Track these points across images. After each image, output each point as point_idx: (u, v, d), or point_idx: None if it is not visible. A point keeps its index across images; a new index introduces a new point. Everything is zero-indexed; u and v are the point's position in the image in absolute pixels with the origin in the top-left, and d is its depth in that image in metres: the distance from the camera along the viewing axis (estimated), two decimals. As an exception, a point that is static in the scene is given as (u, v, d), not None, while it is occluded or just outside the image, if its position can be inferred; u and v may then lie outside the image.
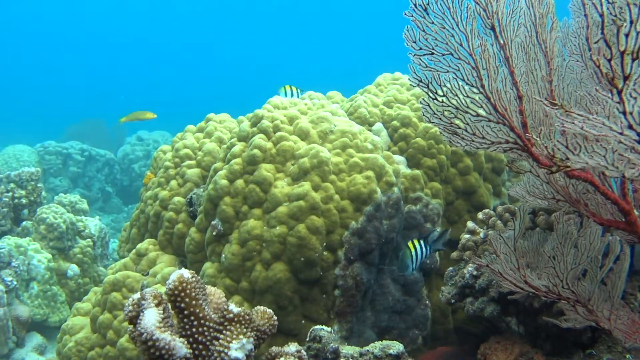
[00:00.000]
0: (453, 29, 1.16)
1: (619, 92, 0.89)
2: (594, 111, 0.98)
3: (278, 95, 1.89)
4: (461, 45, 1.17)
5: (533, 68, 1.19)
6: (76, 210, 4.21)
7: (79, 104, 18.06)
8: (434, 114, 1.25)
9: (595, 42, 0.91)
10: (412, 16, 1.18)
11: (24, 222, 3.75)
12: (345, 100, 2.74)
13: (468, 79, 1.19)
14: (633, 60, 0.87)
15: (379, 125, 2.40)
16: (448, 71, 1.20)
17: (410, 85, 1.27)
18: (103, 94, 21.42)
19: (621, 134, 0.88)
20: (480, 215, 1.83)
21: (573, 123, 0.88)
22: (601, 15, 0.90)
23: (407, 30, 1.19)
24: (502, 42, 1.18)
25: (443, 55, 1.19)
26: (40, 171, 4.10)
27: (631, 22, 0.85)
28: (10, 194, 3.84)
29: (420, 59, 1.20)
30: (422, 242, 1.87)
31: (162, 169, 2.62)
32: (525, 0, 1.20)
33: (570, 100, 1.19)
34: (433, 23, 1.17)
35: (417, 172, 2.25)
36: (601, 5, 0.91)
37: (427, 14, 1.17)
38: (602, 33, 0.89)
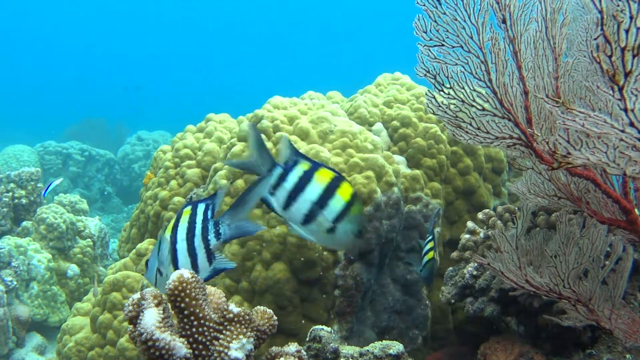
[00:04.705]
0: (465, 21, 1.15)
1: (620, 89, 0.88)
2: (597, 108, 0.98)
3: None
4: (472, 38, 1.16)
5: (540, 64, 1.18)
6: (76, 210, 4.20)
7: (79, 104, 18.04)
8: (439, 106, 1.24)
9: (595, 39, 0.90)
10: (424, 5, 1.17)
11: (24, 222, 3.75)
12: (345, 100, 2.73)
13: (476, 73, 1.18)
14: (634, 56, 0.86)
15: (379, 125, 2.40)
16: (457, 64, 1.19)
17: (417, 75, 1.26)
18: (103, 94, 21.42)
19: (622, 131, 0.87)
20: (480, 215, 1.82)
21: (574, 120, 0.88)
22: (600, 12, 0.90)
23: (418, 20, 1.17)
24: (512, 35, 1.17)
25: (453, 47, 1.18)
26: (40, 171, 4.10)
27: (631, 17, 0.85)
28: (10, 194, 3.83)
29: (429, 50, 1.19)
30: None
31: (162, 169, 2.61)
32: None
33: (575, 98, 1.18)
34: (445, 14, 1.16)
35: (417, 172, 2.25)
36: (600, 1, 0.91)
37: (440, 4, 1.16)
38: (602, 29, 0.89)
